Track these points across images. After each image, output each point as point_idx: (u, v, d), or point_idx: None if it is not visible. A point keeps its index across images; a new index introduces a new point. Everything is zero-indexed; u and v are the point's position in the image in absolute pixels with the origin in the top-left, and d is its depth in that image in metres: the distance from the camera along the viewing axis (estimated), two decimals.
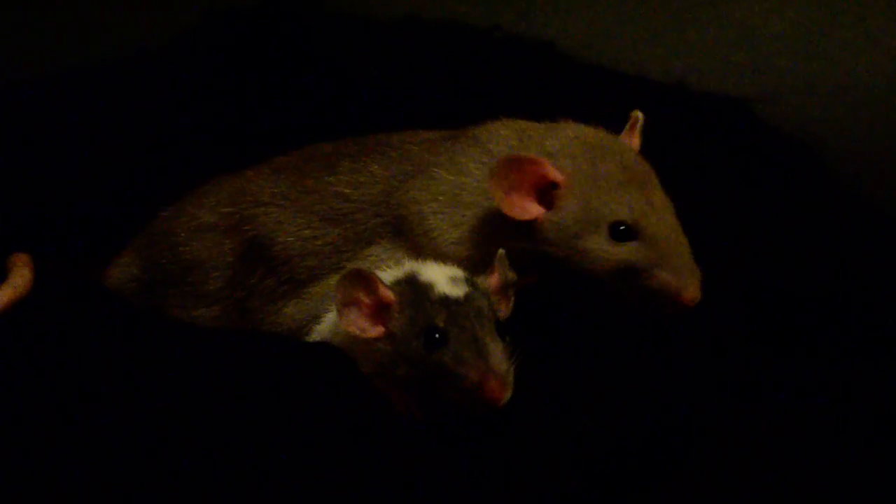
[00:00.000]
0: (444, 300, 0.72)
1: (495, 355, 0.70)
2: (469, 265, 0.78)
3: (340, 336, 0.76)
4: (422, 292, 0.73)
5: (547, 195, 0.80)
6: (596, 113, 0.85)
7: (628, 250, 0.78)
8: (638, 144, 0.86)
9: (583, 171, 0.80)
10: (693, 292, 0.77)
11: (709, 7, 1.31)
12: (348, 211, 0.84)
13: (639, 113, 0.86)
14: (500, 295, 0.76)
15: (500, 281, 0.76)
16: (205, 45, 1.14)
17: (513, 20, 1.23)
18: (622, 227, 0.78)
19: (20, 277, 0.83)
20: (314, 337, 0.81)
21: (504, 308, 0.76)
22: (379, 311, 0.73)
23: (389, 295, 0.73)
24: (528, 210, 0.80)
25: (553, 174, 0.79)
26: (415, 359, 0.71)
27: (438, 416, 0.72)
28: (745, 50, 1.30)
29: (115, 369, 0.71)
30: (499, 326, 0.73)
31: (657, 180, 0.82)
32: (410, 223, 0.83)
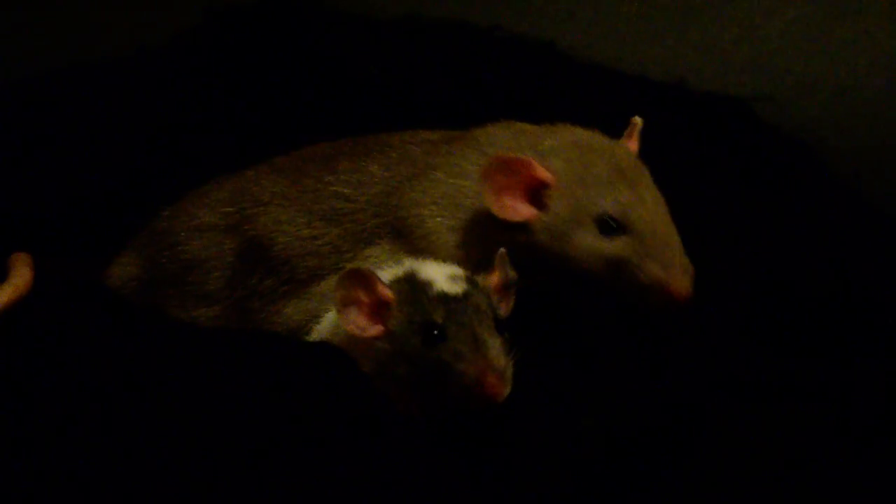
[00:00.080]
0: (443, 297, 0.72)
1: (494, 351, 0.70)
2: (469, 267, 0.78)
3: (340, 336, 0.76)
4: (420, 290, 0.73)
5: (538, 196, 0.80)
6: (596, 113, 0.86)
7: (617, 245, 0.78)
8: (636, 148, 0.86)
9: (572, 171, 0.80)
10: (682, 287, 0.76)
11: (709, 7, 1.31)
12: (348, 211, 0.84)
13: (639, 119, 0.86)
14: (500, 294, 0.76)
15: (501, 280, 0.76)
16: (205, 44, 1.14)
17: (513, 20, 1.23)
18: (610, 221, 0.78)
19: (20, 277, 0.83)
20: (314, 336, 0.81)
21: (504, 307, 0.76)
22: (378, 310, 0.73)
23: (388, 293, 0.73)
24: (519, 211, 0.80)
25: (542, 174, 0.79)
26: (414, 356, 0.71)
27: (438, 416, 0.72)
28: (745, 50, 1.30)
29: (115, 369, 0.71)
30: (498, 324, 0.73)
31: (650, 179, 0.82)
32: (410, 226, 0.83)
